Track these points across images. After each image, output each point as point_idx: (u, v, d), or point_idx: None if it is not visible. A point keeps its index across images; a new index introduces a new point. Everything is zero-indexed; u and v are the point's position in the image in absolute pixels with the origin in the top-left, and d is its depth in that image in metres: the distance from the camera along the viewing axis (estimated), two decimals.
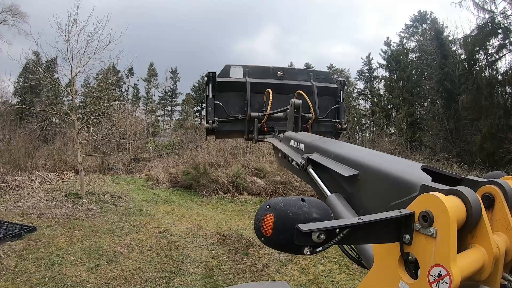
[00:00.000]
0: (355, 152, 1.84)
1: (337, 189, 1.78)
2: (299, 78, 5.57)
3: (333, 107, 5.51)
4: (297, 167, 2.46)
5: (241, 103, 5.21)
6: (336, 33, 75.24)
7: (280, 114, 4.80)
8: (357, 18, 73.59)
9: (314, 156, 2.18)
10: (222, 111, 5.09)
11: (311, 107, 4.83)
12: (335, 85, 5.65)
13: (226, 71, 5.29)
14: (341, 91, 5.58)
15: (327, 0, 76.82)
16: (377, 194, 1.42)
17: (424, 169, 1.19)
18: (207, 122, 5.02)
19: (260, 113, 5.05)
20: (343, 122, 5.50)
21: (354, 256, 1.57)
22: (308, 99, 4.79)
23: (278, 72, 5.45)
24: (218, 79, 5.10)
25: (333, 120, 5.50)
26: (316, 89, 5.26)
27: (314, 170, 2.13)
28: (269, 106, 4.82)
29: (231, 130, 5.26)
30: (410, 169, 1.29)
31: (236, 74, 5.31)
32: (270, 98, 4.82)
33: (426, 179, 1.12)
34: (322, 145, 2.30)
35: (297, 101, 4.17)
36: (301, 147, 2.75)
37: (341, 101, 5.55)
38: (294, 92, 4.83)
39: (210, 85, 5.05)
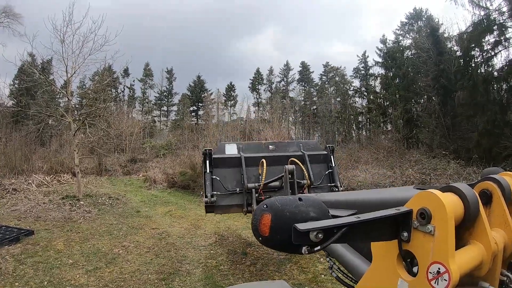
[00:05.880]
0: (351, 195, 1.90)
1: None
2: (290, 149, 5.93)
3: (326, 172, 5.77)
4: None
5: (238, 177, 5.44)
6: (335, 32, 75.28)
7: (276, 183, 5.15)
8: (357, 18, 73.57)
9: None
10: (220, 186, 5.29)
11: (306, 173, 5.19)
12: (325, 152, 5.95)
13: (221, 148, 5.67)
14: (332, 156, 5.86)
15: (328, 1, 76.66)
16: None
17: (418, 189, 1.21)
18: (206, 196, 5.17)
19: (256, 184, 5.30)
20: (338, 185, 5.73)
21: (349, 283, 1.58)
22: (301, 165, 5.21)
23: (270, 146, 5.86)
24: (214, 156, 5.37)
25: (328, 184, 5.74)
26: (307, 157, 5.59)
27: None
28: (264, 175, 5.13)
29: (230, 205, 5.41)
30: (403, 192, 1.32)
31: (231, 151, 5.64)
32: (265, 168, 5.13)
33: None
34: (318, 198, 2.34)
35: (290, 166, 4.52)
36: None
37: (333, 165, 5.81)
38: (287, 163, 5.17)
39: (207, 161, 5.29)
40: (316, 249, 0.78)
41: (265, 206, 0.88)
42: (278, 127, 22.76)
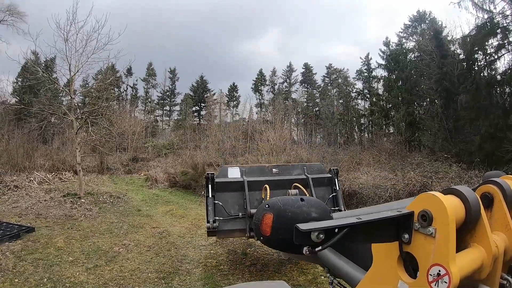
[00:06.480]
0: (353, 212, 1.90)
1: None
2: (294, 172, 5.86)
3: (330, 196, 5.71)
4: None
5: (240, 202, 5.39)
6: (338, 34, 74.85)
7: None
8: (357, 18, 73.28)
9: None
10: (222, 210, 5.24)
11: None
12: (329, 175, 5.90)
13: (224, 172, 5.62)
14: (336, 179, 5.80)
15: (330, 1, 76.37)
16: None
17: None
18: (208, 221, 5.12)
19: None
20: (342, 208, 5.69)
21: None
22: (305, 191, 5.14)
23: (274, 170, 5.81)
24: (216, 180, 5.32)
25: (332, 208, 5.68)
26: (311, 180, 5.54)
27: None
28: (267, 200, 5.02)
29: (232, 229, 5.35)
30: (404, 203, 1.32)
31: (234, 175, 5.60)
32: (268, 193, 5.10)
33: None
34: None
35: (293, 191, 4.52)
36: None
37: (337, 188, 5.76)
38: (290, 187, 5.16)
39: (210, 186, 5.25)
40: (317, 249, 0.78)
41: (267, 206, 0.89)
42: (280, 128, 22.76)
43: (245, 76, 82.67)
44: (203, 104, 46.16)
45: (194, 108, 46.22)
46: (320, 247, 0.78)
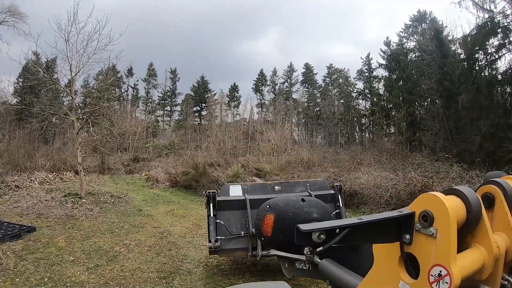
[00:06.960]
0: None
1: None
2: (296, 189, 5.77)
3: (334, 213, 5.62)
4: (304, 268, 2.46)
5: (242, 220, 5.33)
6: (338, 34, 74.75)
7: None
8: (357, 18, 73.20)
9: None
10: (224, 229, 5.19)
11: None
12: (332, 191, 5.83)
13: (225, 190, 5.53)
14: (339, 195, 5.74)
15: (330, 1, 76.28)
16: None
17: None
18: (209, 241, 5.08)
19: None
20: None
21: None
22: None
23: (276, 187, 5.72)
24: (218, 198, 5.27)
25: None
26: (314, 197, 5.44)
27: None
28: None
29: (234, 248, 5.30)
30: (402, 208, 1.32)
31: (235, 193, 5.51)
32: None
33: None
34: None
35: None
36: None
37: (341, 205, 5.69)
38: None
39: (211, 205, 5.19)
40: (318, 250, 0.78)
41: (268, 206, 0.89)
42: (281, 129, 22.76)
43: (245, 76, 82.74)
44: (204, 104, 46.21)
45: (195, 108, 46.30)
46: (321, 248, 0.78)
